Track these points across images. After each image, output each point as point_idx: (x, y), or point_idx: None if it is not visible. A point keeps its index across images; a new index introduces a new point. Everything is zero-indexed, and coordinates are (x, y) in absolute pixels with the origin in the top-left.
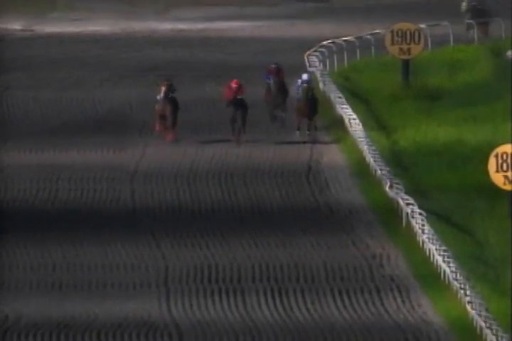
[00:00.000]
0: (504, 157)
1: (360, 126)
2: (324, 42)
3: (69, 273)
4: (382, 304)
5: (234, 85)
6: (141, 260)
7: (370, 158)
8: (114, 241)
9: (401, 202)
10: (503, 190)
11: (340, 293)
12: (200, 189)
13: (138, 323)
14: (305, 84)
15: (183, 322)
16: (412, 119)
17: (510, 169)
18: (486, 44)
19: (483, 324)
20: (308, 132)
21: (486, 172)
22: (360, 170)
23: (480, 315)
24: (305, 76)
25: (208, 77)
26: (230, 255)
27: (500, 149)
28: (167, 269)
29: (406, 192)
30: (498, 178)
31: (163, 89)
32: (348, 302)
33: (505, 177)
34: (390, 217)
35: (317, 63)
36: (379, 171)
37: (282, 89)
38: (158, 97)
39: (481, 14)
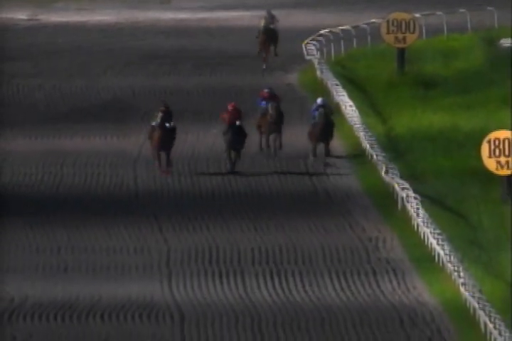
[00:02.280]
0: (497, 143)
1: (357, 113)
2: (322, 32)
3: (73, 255)
4: (378, 286)
5: (231, 109)
6: (144, 243)
7: (366, 144)
8: (117, 225)
9: (396, 187)
10: (496, 175)
11: (337, 275)
12: (201, 174)
13: (141, 304)
14: (321, 109)
15: (184, 303)
16: (408, 106)
17: (502, 154)
18: (480, 33)
19: (476, 305)
20: (323, 159)
21: (480, 158)
22: (357, 155)
23: (473, 297)
24: (319, 101)
25: (208, 65)
26: (230, 238)
27: (493, 135)
28: (169, 252)
29: (401, 177)
30: (490, 163)
31: (159, 115)
32: (344, 284)
33: (498, 162)
34: (386, 201)
35: (315, 51)
36: (375, 157)
37: (280, 115)
38: (154, 123)
39: None
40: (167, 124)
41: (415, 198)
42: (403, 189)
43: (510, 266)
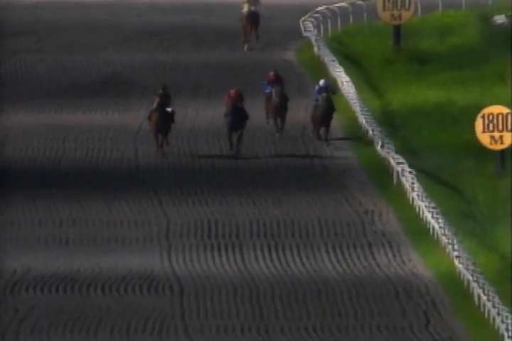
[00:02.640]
0: (490, 118)
1: (353, 89)
2: (318, 8)
3: (75, 228)
4: (374, 258)
5: (233, 93)
6: (144, 216)
7: (362, 119)
8: (118, 199)
9: (392, 161)
10: (490, 150)
11: (333, 248)
12: (201, 149)
13: (141, 276)
14: (324, 94)
15: (183, 276)
16: (403, 82)
17: (496, 129)
18: (474, 10)
19: (470, 277)
20: (326, 140)
21: (474, 133)
22: (353, 130)
23: (467, 269)
24: (322, 82)
25: (207, 41)
26: (229, 212)
27: (487, 110)
28: (169, 225)
29: (397, 152)
30: (484, 138)
31: (157, 99)
32: (341, 257)
33: (492, 137)
34: (382, 175)
35: (312, 28)
36: (371, 131)
37: (283, 98)
38: (154, 106)
39: None
40: (167, 109)
41: (410, 172)
42: (399, 163)
43: (511, 239)
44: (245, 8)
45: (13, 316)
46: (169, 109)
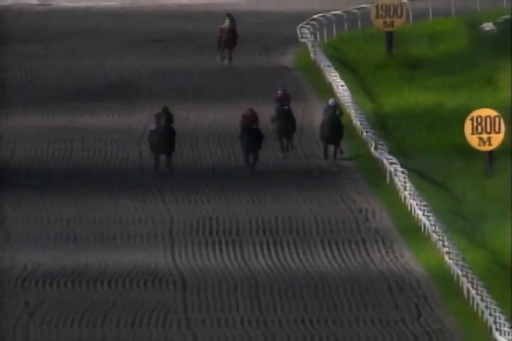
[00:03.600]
0: (479, 120)
1: (348, 92)
2: (315, 16)
3: (82, 226)
4: (368, 254)
5: (248, 114)
6: (148, 214)
7: (356, 121)
8: (123, 197)
9: (385, 162)
10: (478, 151)
11: (329, 244)
12: (202, 149)
13: (145, 272)
14: (331, 111)
15: (186, 271)
16: (396, 86)
17: (484, 131)
18: (463, 17)
19: (459, 272)
20: (334, 158)
21: (463, 134)
22: (348, 132)
23: (457, 265)
24: (331, 101)
25: (208, 47)
26: (230, 209)
27: (476, 113)
28: (172, 222)
29: (389, 153)
30: (473, 140)
31: (162, 119)
32: (336, 253)
33: (480, 138)
34: (375, 175)
35: (308, 35)
36: (365, 133)
37: (288, 116)
38: (154, 127)
39: None
40: (167, 127)
41: (403, 172)
42: (391, 163)
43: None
44: (226, 25)
45: (24, 309)
46: (170, 127)
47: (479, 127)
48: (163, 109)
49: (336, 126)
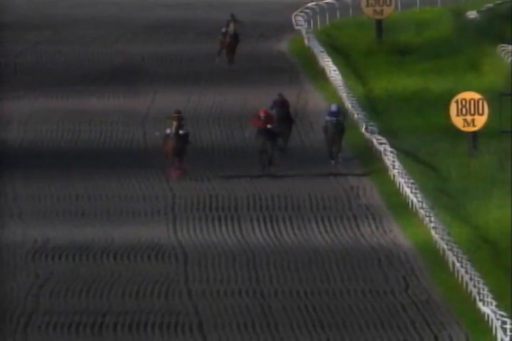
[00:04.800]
0: (463, 103)
1: (340, 77)
2: (309, 4)
3: (90, 202)
4: (359, 229)
5: (262, 115)
6: (152, 191)
7: (348, 104)
8: (128, 176)
9: (375, 142)
10: (463, 131)
11: (322, 220)
12: (203, 130)
13: (149, 245)
14: (334, 119)
15: (187, 245)
16: (385, 71)
17: (468, 113)
18: (448, 6)
19: (445, 246)
20: (336, 158)
21: (449, 116)
22: (331, 107)
23: (443, 239)
24: (334, 107)
25: (208, 34)
26: (228, 187)
27: (460, 96)
28: (174, 199)
29: (379, 133)
30: (458, 121)
31: (174, 123)
32: (329, 228)
33: (465, 120)
34: (366, 154)
35: (303, 22)
36: (356, 115)
37: (286, 120)
38: (167, 131)
39: None
40: (180, 132)
41: (392, 152)
42: (381, 144)
43: None
44: (231, 27)
45: (34, 281)
46: (183, 131)
47: (464, 109)
48: (175, 112)
49: (337, 133)
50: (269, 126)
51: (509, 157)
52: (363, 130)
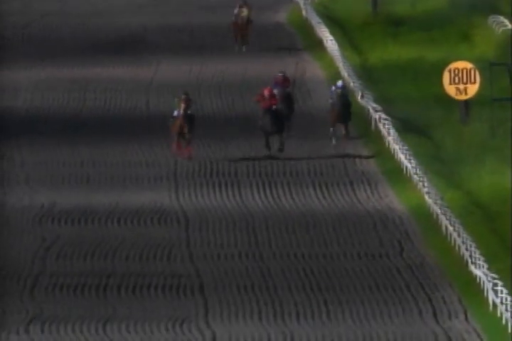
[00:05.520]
0: (456, 72)
1: (337, 46)
2: None
3: (94, 168)
4: (355, 194)
5: (267, 94)
6: (155, 158)
7: (344, 73)
8: (131, 142)
9: (371, 109)
10: (456, 100)
11: (319, 186)
12: (204, 100)
13: (152, 210)
14: (339, 90)
15: (189, 210)
16: (380, 41)
17: (461, 82)
18: None
19: (438, 211)
20: (344, 137)
21: (442, 85)
22: (336, 82)
23: (436, 204)
24: (339, 83)
25: (210, 7)
26: (228, 154)
27: (453, 65)
28: (176, 165)
29: (375, 101)
30: (451, 90)
31: (182, 105)
32: (326, 193)
33: (457, 88)
34: (362, 121)
35: None
36: (352, 83)
37: (287, 99)
38: (175, 113)
39: None
40: (188, 112)
41: (386, 119)
42: (376, 111)
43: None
44: (245, 13)
45: (41, 244)
46: (191, 113)
47: (456, 78)
48: (184, 93)
49: (344, 106)
50: (273, 106)
51: (500, 124)
52: (359, 98)
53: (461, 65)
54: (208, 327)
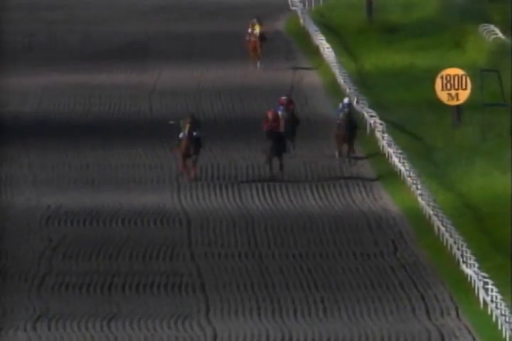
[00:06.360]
0: (448, 78)
1: (333, 54)
2: None
3: (99, 170)
4: (350, 196)
5: (270, 116)
6: (158, 160)
7: (340, 80)
8: (135, 146)
9: (366, 114)
10: (447, 105)
11: (316, 187)
12: (205, 104)
13: (155, 211)
14: (346, 109)
15: (191, 211)
16: (375, 48)
17: (453, 88)
18: None
19: (431, 212)
20: (347, 158)
21: (434, 91)
22: (333, 89)
23: (429, 205)
24: (346, 100)
25: (210, 14)
26: (229, 157)
27: (445, 72)
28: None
29: (370, 106)
30: (443, 95)
31: (187, 126)
32: (323, 195)
33: (449, 94)
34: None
35: (298, 3)
36: (348, 90)
37: (292, 120)
38: (181, 135)
39: None
40: (194, 133)
41: (381, 124)
42: (371, 116)
43: None
44: (257, 30)
45: (47, 244)
46: (196, 133)
47: (448, 84)
48: (189, 115)
49: (350, 124)
50: (276, 129)
51: (491, 128)
52: (355, 103)
53: (452, 71)
54: (209, 324)
